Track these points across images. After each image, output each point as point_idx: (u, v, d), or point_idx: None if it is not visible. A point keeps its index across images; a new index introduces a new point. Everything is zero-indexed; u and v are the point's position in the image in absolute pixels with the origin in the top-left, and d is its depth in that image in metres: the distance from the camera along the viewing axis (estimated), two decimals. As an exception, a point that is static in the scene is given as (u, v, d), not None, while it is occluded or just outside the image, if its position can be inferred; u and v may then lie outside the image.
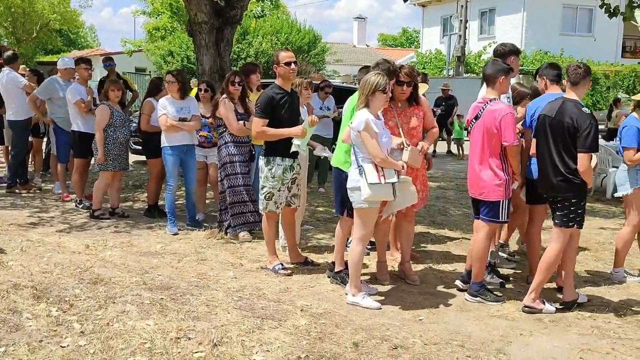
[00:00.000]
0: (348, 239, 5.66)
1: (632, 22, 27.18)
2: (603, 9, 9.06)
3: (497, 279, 5.81)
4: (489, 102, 5.26)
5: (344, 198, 5.44)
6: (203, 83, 8.26)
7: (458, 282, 5.67)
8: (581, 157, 4.91)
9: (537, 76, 6.06)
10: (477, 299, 5.37)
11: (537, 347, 4.48)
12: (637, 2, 9.33)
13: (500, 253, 6.49)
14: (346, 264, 5.53)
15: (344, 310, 5.00)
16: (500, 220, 5.33)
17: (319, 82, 10.18)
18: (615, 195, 6.39)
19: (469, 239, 7.10)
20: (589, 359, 4.31)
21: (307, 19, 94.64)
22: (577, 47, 28.87)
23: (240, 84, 7.08)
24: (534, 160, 5.60)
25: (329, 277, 5.75)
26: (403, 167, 5.08)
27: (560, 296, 5.42)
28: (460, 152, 17.27)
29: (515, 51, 5.95)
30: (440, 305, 5.26)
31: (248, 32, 29.20)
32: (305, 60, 29.53)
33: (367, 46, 47.62)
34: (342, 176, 5.47)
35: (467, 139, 7.52)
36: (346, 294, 5.28)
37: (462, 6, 22.88)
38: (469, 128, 5.45)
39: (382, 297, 5.36)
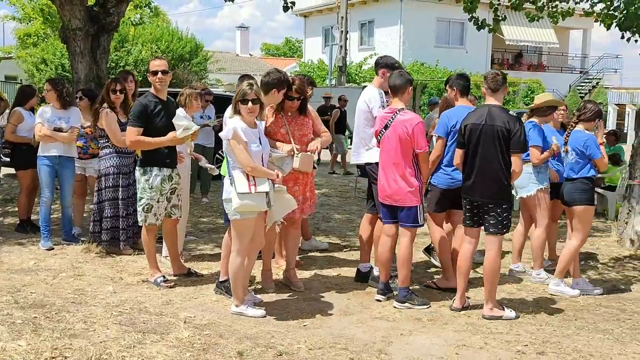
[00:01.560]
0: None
1: (499, 34, 28.73)
2: (472, 22, 9.55)
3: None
4: (397, 111, 5.43)
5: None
6: (80, 91, 7.92)
7: (378, 297, 5.64)
8: (515, 158, 5.13)
9: (447, 86, 6.22)
10: (406, 304, 5.45)
11: (416, 345, 4.64)
12: (501, 17, 9.93)
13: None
14: None
15: (229, 320, 4.96)
16: (420, 224, 5.51)
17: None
18: (517, 197, 6.51)
19: (356, 245, 7.27)
20: (464, 354, 4.52)
21: (189, 27, 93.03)
22: (451, 59, 30.38)
23: (122, 91, 6.86)
24: (447, 169, 5.82)
25: (218, 287, 5.66)
26: (278, 175, 5.05)
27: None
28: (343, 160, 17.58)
29: (387, 65, 6.10)
30: (325, 310, 5.32)
31: (127, 40, 28.37)
32: (187, 68, 29.10)
33: (251, 55, 47.62)
34: None
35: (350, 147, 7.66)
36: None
37: (342, 17, 23.40)
38: (379, 137, 5.55)
39: (267, 305, 5.35)
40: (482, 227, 5.34)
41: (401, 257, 5.50)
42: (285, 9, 8.73)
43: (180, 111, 5.90)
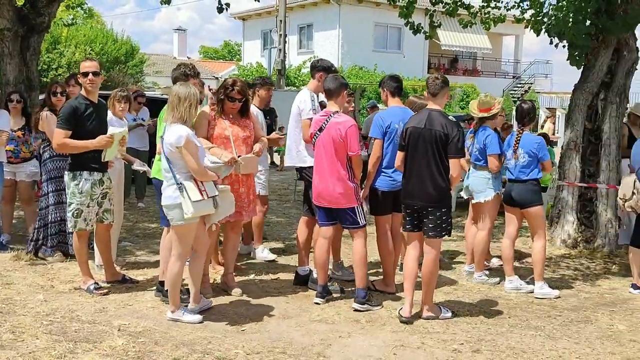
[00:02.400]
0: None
1: (435, 40, 29.19)
2: (408, 27, 9.68)
3: (337, 287, 5.97)
4: (332, 114, 5.43)
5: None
6: (15, 94, 7.61)
7: (317, 299, 5.62)
8: (453, 163, 5.13)
9: (380, 87, 6.26)
10: (366, 306, 5.45)
11: (355, 347, 4.65)
12: (436, 22, 10.11)
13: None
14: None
15: (164, 327, 4.86)
16: (361, 224, 5.51)
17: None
18: (474, 201, 6.62)
19: (294, 248, 7.26)
20: (402, 354, 4.56)
21: (125, 29, 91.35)
22: (389, 63, 30.71)
23: (63, 94, 6.65)
24: (387, 171, 5.81)
25: (159, 291, 5.53)
26: (219, 176, 5.06)
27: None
28: (282, 163, 17.59)
29: (325, 68, 6.12)
30: (263, 315, 5.28)
31: (59, 42, 27.57)
32: (122, 71, 28.51)
33: (189, 58, 47.03)
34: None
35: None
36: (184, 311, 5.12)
37: (280, 21, 23.38)
38: (313, 140, 5.54)
39: (205, 311, 5.26)
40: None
41: (356, 259, 5.52)
42: (220, 10, 8.65)
43: (110, 115, 5.81)
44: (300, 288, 6.06)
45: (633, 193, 6.18)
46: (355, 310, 5.41)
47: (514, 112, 25.23)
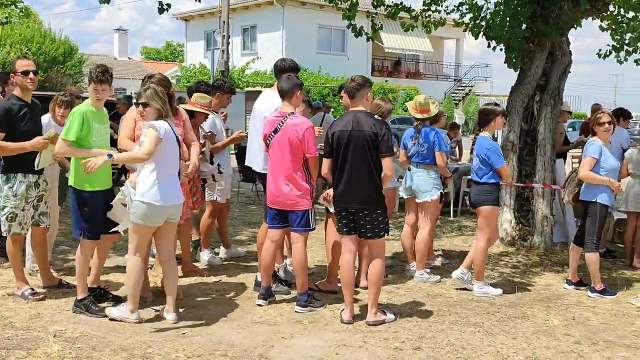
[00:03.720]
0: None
1: (378, 42, 29.40)
2: (351, 29, 9.74)
3: (283, 287, 5.96)
4: (287, 115, 5.39)
5: (78, 218, 5.17)
6: None
7: (259, 301, 5.59)
8: (386, 161, 5.11)
9: (342, 92, 6.19)
10: (308, 308, 5.43)
11: (297, 347, 4.65)
12: (378, 25, 10.21)
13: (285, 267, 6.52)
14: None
15: (103, 332, 4.75)
16: (312, 227, 5.49)
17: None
18: (419, 201, 6.63)
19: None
20: (344, 353, 4.58)
21: (63, 29, 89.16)
22: (333, 65, 30.95)
23: (2, 93, 6.41)
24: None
25: (76, 306, 5.28)
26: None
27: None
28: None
29: (294, 68, 6.08)
30: (204, 317, 5.22)
31: (-7, 41, 26.63)
32: (60, 72, 27.75)
33: (130, 59, 46.22)
34: (81, 195, 5.14)
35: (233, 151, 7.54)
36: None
37: (224, 22, 23.16)
38: (268, 141, 5.47)
39: (144, 315, 5.17)
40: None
41: (297, 263, 5.46)
42: (161, 10, 8.50)
43: (45, 117, 5.64)
44: (241, 290, 6.02)
45: (565, 185, 6.46)
46: (297, 312, 5.41)
47: (454, 114, 25.74)
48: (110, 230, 5.20)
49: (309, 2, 31.10)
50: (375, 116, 5.23)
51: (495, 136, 6.68)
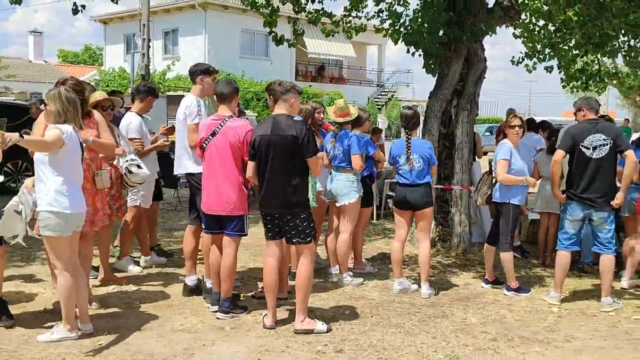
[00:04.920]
0: None
1: (302, 47, 29.42)
2: (271, 37, 9.69)
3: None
4: (226, 119, 5.31)
5: None
6: None
7: (214, 308, 5.50)
8: (312, 162, 5.06)
9: (267, 92, 6.12)
10: (230, 314, 5.34)
11: (219, 354, 4.59)
12: (299, 30, 10.22)
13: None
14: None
15: (13, 346, 4.55)
16: (246, 233, 5.41)
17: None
18: (338, 204, 6.62)
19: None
20: (267, 359, 4.55)
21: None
22: (256, 70, 30.84)
23: None
24: None
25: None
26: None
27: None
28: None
29: (204, 71, 6.02)
30: (122, 327, 5.07)
31: None
32: (-31, 75, 26.50)
33: (46, 62, 44.59)
34: None
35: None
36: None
37: (144, 25, 22.65)
38: (204, 145, 5.36)
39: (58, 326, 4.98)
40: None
41: (226, 268, 5.36)
42: (75, 12, 8.21)
43: None
44: (161, 298, 5.91)
45: (478, 187, 6.66)
46: (219, 318, 5.34)
47: (378, 119, 26.09)
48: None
49: (232, 6, 30.88)
50: (296, 118, 5.16)
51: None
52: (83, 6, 8.19)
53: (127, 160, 6.03)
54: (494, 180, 6.55)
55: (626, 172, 5.95)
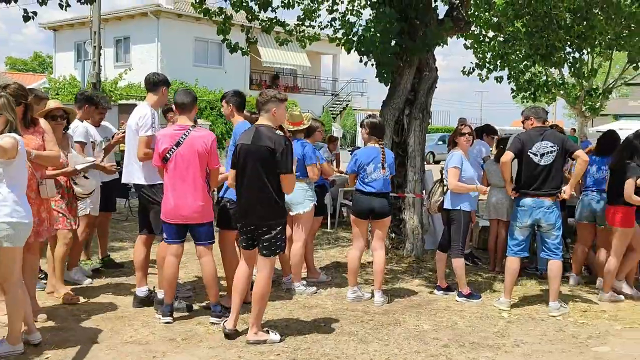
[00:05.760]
0: None
1: (256, 56, 29.41)
2: (225, 44, 9.65)
3: (184, 303, 5.80)
4: (190, 128, 5.36)
5: None
6: None
7: (165, 319, 5.44)
8: (284, 179, 4.97)
9: (224, 102, 6.08)
10: (222, 319, 5.36)
11: (170, 366, 4.52)
12: (252, 39, 10.20)
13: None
14: None
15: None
16: (213, 240, 5.48)
17: None
18: (292, 213, 6.57)
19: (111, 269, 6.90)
20: (219, 369, 4.51)
21: None
22: (210, 78, 30.62)
23: None
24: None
25: None
26: None
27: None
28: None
29: (167, 82, 6.00)
30: (70, 340, 4.95)
31: None
32: None
33: (-7, 69, 43.47)
34: None
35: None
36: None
37: (95, 32, 22.29)
38: (168, 155, 5.30)
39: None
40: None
41: (209, 274, 5.43)
42: (26, 19, 8.03)
43: None
44: (110, 309, 5.80)
45: (430, 195, 6.74)
46: (213, 323, 5.39)
47: (332, 128, 26.16)
48: None
49: (185, 14, 30.62)
50: (277, 132, 5.06)
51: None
52: (35, 13, 8.01)
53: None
54: (445, 189, 6.64)
55: (577, 170, 6.13)
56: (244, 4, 9.41)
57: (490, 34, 11.99)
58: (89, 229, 6.94)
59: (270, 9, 9.58)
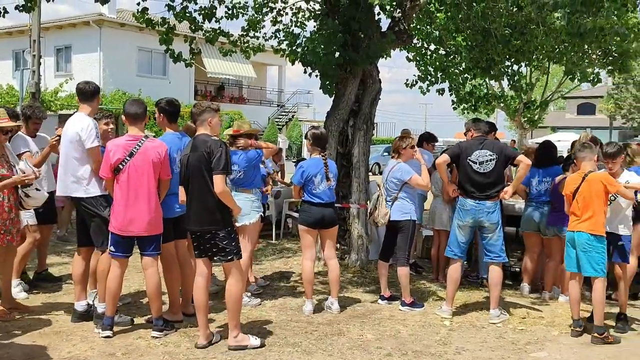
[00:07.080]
0: None
1: (200, 67, 29.17)
2: (168, 54, 9.54)
3: (126, 317, 5.69)
4: (143, 139, 5.33)
5: None
6: None
7: (105, 333, 5.33)
8: (217, 179, 4.98)
9: (157, 110, 5.94)
10: (163, 332, 5.31)
11: (109, 382, 4.41)
12: (196, 49, 10.13)
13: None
14: None
15: None
16: (160, 251, 5.44)
17: None
18: (239, 225, 6.32)
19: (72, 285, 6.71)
20: (160, 384, 4.42)
21: None
22: (154, 89, 30.14)
23: None
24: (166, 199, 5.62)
25: None
26: None
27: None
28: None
29: (99, 90, 5.94)
30: (4, 357, 4.79)
31: None
32: None
33: None
34: None
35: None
36: None
37: (34, 41, 21.73)
38: (121, 166, 5.23)
39: None
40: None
41: (153, 287, 5.38)
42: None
43: None
44: (46, 324, 5.63)
45: (375, 208, 6.78)
46: (154, 337, 5.31)
47: (278, 139, 26.08)
48: None
49: (128, 23, 30.14)
50: (213, 137, 5.17)
51: None
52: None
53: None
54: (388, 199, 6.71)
55: (519, 173, 6.33)
56: (188, 15, 9.36)
57: (432, 47, 12.25)
58: (33, 243, 6.77)
59: (214, 19, 9.55)
